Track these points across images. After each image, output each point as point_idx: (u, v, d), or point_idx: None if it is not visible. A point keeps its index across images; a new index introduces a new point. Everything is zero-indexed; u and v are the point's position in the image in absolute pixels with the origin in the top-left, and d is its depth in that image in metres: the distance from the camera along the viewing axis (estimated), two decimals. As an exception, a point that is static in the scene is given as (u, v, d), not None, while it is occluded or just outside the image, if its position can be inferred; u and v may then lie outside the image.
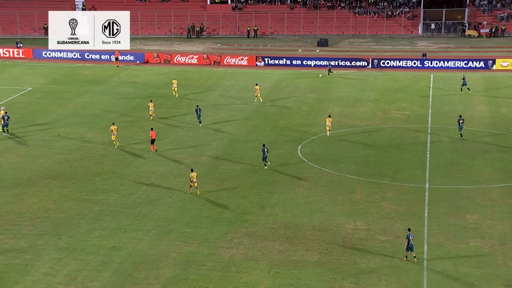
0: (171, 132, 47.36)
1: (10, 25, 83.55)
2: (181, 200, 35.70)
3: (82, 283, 27.22)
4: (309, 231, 32.18)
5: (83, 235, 31.36)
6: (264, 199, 36.06)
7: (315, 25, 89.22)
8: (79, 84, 61.49)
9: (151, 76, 64.83)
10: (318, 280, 27.78)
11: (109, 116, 50.67)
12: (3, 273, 27.69)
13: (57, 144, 44.36)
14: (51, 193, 36.15)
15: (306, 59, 71.61)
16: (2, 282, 26.98)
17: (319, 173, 39.89)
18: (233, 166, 40.94)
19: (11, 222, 32.52)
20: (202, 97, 57.66)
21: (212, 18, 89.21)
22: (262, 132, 47.89)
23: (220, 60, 71.57)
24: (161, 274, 28.08)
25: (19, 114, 50.99)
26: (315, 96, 58.60)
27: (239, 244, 30.78)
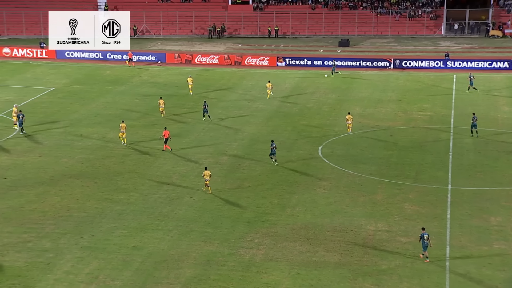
0: (191, 132, 47.55)
1: (34, 25, 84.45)
2: (202, 200, 35.83)
3: (103, 282, 27.44)
4: (330, 232, 32.12)
5: (104, 234, 31.60)
6: (284, 199, 36.06)
7: (337, 25, 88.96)
8: (101, 84, 61.98)
9: (172, 76, 65.12)
10: (339, 281, 27.72)
11: (131, 116, 51.02)
12: (26, 271, 28.01)
13: (79, 143, 44.76)
14: (74, 192, 36.48)
15: (327, 60, 71.39)
16: (25, 280, 27.29)
17: (340, 174, 39.78)
18: (253, 166, 40.99)
19: (34, 221, 32.87)
20: (223, 97, 57.80)
21: (233, 19, 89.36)
22: (283, 133, 47.89)
23: (241, 61, 71.67)
24: (182, 273, 28.21)
25: (42, 114, 51.54)
26: (336, 96, 58.44)
27: (260, 245, 30.81)
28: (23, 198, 35.53)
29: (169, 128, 47.05)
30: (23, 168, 39.88)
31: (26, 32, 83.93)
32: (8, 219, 32.94)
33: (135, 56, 72.73)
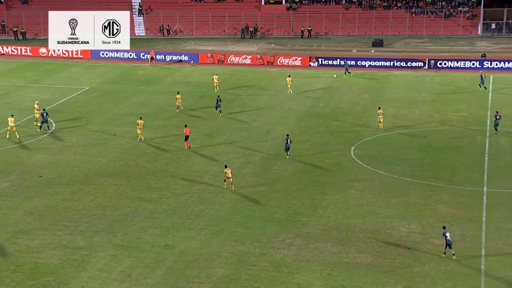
0: (223, 132, 47.72)
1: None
2: (233, 200, 35.92)
3: (136, 280, 27.70)
4: (362, 233, 31.92)
5: (137, 233, 31.90)
6: (316, 200, 35.95)
7: (370, 25, 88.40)
8: (135, 83, 62.59)
9: (205, 76, 65.42)
10: (371, 283, 27.53)
11: (163, 116, 51.43)
12: (61, 268, 28.42)
13: (112, 143, 45.26)
14: (107, 191, 36.90)
15: (361, 60, 70.99)
16: (60, 277, 27.71)
17: (372, 175, 39.51)
18: (285, 166, 40.95)
19: (68, 219, 33.33)
20: (255, 97, 57.87)
21: (266, 19, 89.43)
22: (315, 133, 47.75)
23: (274, 61, 71.68)
24: (213, 273, 28.32)
25: (76, 113, 52.25)
26: (369, 97, 58.05)
27: (291, 245, 30.77)
28: (58, 196, 36.05)
29: (202, 128, 47.38)
30: (58, 167, 40.48)
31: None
32: (43, 217, 33.46)
33: (169, 56, 73.34)
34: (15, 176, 38.76)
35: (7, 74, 65.52)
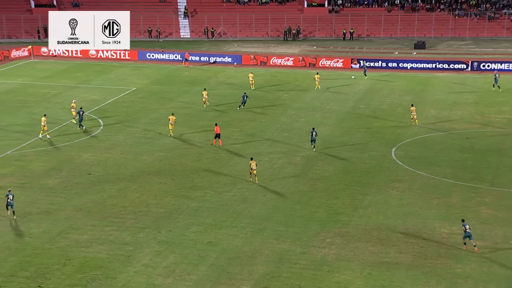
0: (265, 132, 47.80)
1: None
2: (275, 199, 35.96)
3: (180, 275, 27.97)
4: (403, 234, 31.58)
5: (181, 230, 32.20)
6: (356, 200, 35.72)
7: (413, 27, 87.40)
8: (179, 84, 63.19)
9: (247, 78, 65.61)
10: (412, 283, 27.21)
11: (207, 116, 51.78)
12: (108, 263, 28.89)
13: (158, 142, 45.78)
14: (152, 189, 37.34)
15: (402, 62, 70.25)
16: (107, 272, 28.17)
17: (413, 176, 39.04)
18: (326, 167, 40.79)
19: (115, 215, 33.84)
20: (297, 98, 57.80)
21: (308, 21, 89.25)
22: (356, 134, 47.44)
23: (315, 62, 71.48)
24: (255, 270, 28.40)
25: (123, 113, 53.03)
26: (410, 98, 57.35)
27: (331, 244, 30.64)
28: (106, 193, 36.64)
29: (245, 129, 47.52)
30: (106, 165, 41.15)
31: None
32: (91, 213, 34.06)
33: (213, 57, 73.84)
34: (66, 173, 39.56)
35: (59, 75, 66.92)
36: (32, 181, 38.06)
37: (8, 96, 57.74)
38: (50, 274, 27.86)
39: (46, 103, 55.45)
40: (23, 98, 56.97)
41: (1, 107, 53.77)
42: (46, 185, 37.52)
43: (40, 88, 60.97)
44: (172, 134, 46.36)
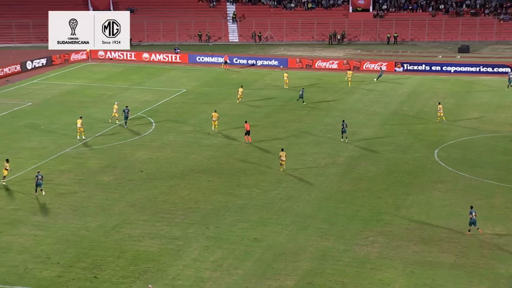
0: (310, 133, 47.63)
1: (170, 33, 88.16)
2: (319, 198, 35.82)
3: (227, 270, 28.13)
4: (445, 234, 31.03)
5: (228, 226, 32.37)
6: (399, 200, 35.27)
7: (457, 31, 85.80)
8: (228, 86, 63.51)
9: (293, 80, 65.52)
10: (454, 282, 26.72)
11: (254, 117, 51.90)
12: (159, 257, 29.28)
13: (206, 141, 46.13)
14: (201, 186, 37.64)
15: (446, 65, 69.04)
16: (158, 265, 28.55)
17: (456, 177, 38.32)
18: (369, 167, 40.41)
19: (166, 211, 34.25)
20: (341, 100, 57.42)
21: (353, 26, 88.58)
22: (399, 136, 46.83)
23: (360, 66, 70.87)
24: (299, 266, 28.35)
25: (174, 114, 53.63)
26: (454, 101, 56.34)
27: (374, 243, 30.35)
28: (157, 190, 37.12)
29: (290, 129, 47.45)
30: (157, 163, 41.69)
31: (162, 39, 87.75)
32: (144, 209, 34.56)
33: (259, 61, 74.02)
34: (119, 170, 40.25)
35: (114, 77, 68.14)
36: (89, 178, 38.87)
37: (67, 97, 59.12)
38: (105, 265, 28.41)
39: (102, 104, 56.54)
40: (81, 99, 58.24)
41: (60, 107, 55.09)
42: (101, 182, 38.27)
43: (96, 89, 62.23)
44: (216, 130, 46.96)
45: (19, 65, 69.18)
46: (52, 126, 49.08)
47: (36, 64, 71.07)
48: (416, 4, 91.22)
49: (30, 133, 47.49)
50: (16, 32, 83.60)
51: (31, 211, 34.02)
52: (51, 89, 61.87)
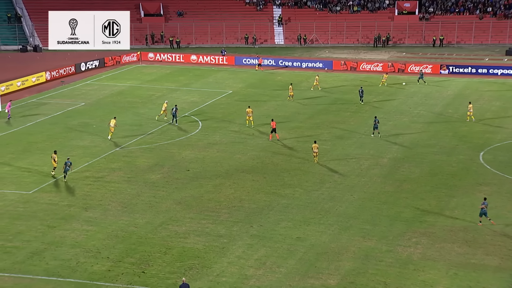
0: (354, 134, 47.24)
1: (218, 35, 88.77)
2: (361, 199, 35.49)
3: (270, 268, 28.16)
4: (490, 236, 30.32)
5: (271, 225, 32.39)
6: (443, 202, 34.63)
7: (505, 34, 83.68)
8: (273, 88, 63.55)
9: (337, 82, 65.18)
10: (499, 285, 26.10)
11: (298, 118, 51.80)
12: (204, 253, 29.51)
13: (251, 141, 46.26)
14: (245, 185, 37.77)
15: (493, 68, 67.42)
16: (203, 261, 28.78)
17: (502, 180, 37.39)
18: (412, 169, 39.82)
19: (211, 209, 34.49)
20: (385, 102, 56.73)
21: (398, 28, 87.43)
22: (443, 138, 45.99)
23: (404, 68, 69.88)
24: (341, 266, 28.16)
25: (220, 114, 53.96)
26: (500, 104, 55.00)
27: (417, 244, 29.88)
28: (203, 189, 37.41)
29: (333, 131, 47.08)
30: (203, 162, 42.03)
31: (210, 41, 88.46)
32: (190, 206, 34.90)
33: (305, 63, 73.82)
34: (167, 169, 40.74)
35: (163, 79, 69.04)
36: (137, 176, 39.48)
37: (118, 97, 60.21)
38: (152, 261, 28.81)
39: (151, 104, 57.36)
40: (131, 99, 59.22)
41: (112, 107, 56.13)
42: (149, 180, 38.81)
43: (146, 90, 63.18)
44: (252, 126, 48.51)
45: (74, 67, 70.83)
46: (104, 126, 50.03)
47: (89, 65, 72.64)
48: (463, 7, 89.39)
49: (83, 132, 48.57)
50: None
51: (83, 207, 34.79)
52: (103, 89, 63.14)
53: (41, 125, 50.63)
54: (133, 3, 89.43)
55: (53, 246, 30.21)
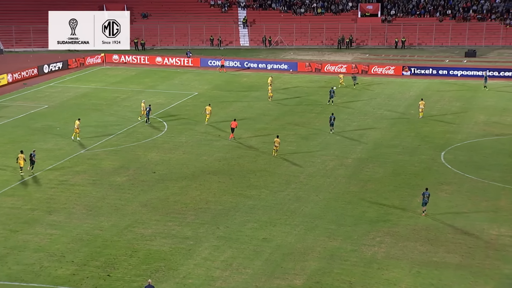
0: (319, 135, 47.55)
1: (183, 37, 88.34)
2: (327, 199, 35.73)
3: (236, 269, 28.12)
4: (451, 234, 30.85)
5: (238, 226, 32.36)
6: (406, 201, 35.11)
7: (464, 36, 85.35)
8: (238, 90, 63.56)
9: (302, 84, 65.53)
10: (460, 283, 26.55)
11: (263, 120, 51.89)
12: (170, 256, 29.31)
13: (217, 143, 46.15)
14: (211, 187, 37.65)
15: (453, 69, 68.67)
16: (169, 264, 28.58)
17: (462, 179, 38.09)
18: (376, 169, 40.27)
19: (177, 211, 34.28)
20: (349, 103, 57.26)
21: (361, 30, 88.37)
22: (406, 138, 46.64)
23: (368, 69, 70.68)
24: (307, 266, 28.29)
25: (186, 116, 53.68)
26: (460, 104, 56.05)
27: (381, 243, 30.22)
28: (169, 191, 37.16)
29: (299, 132, 47.33)
30: (169, 164, 41.75)
31: (175, 43, 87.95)
32: (156, 209, 34.62)
33: (270, 64, 73.98)
34: (132, 171, 40.35)
35: (128, 81, 68.36)
36: (103, 178, 38.99)
37: (83, 99, 59.38)
38: (118, 264, 28.48)
39: (116, 106, 56.74)
40: (95, 102, 58.46)
41: (76, 110, 55.32)
42: (115, 182, 38.38)
43: (111, 92, 62.45)
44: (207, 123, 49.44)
45: (36, 69, 69.59)
46: (68, 128, 49.30)
47: (52, 67, 71.46)
48: (424, 10, 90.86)
49: (47, 135, 47.75)
50: (34, 37, 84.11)
51: (47, 211, 34.19)
52: (67, 92, 62.19)
53: (3, 128, 49.60)
54: (96, 5, 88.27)
55: (15, 251, 29.61)
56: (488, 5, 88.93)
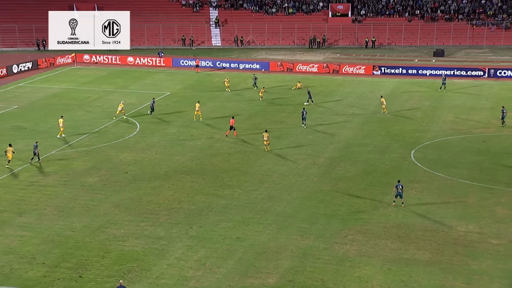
0: (291, 135, 47.73)
1: (154, 37, 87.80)
2: (299, 198, 35.89)
3: (210, 268, 28.08)
4: (421, 232, 31.26)
5: (211, 226, 32.31)
6: (377, 199, 35.45)
7: (432, 36, 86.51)
8: (210, 89, 63.41)
9: (274, 83, 65.67)
10: (429, 279, 26.93)
11: (236, 119, 51.74)
12: (143, 256, 29.13)
13: (190, 143, 46.01)
14: (184, 187, 37.53)
15: (422, 69, 69.55)
16: (142, 264, 28.41)
17: (431, 177, 38.62)
18: (348, 167, 40.58)
19: (150, 212, 34.10)
20: (321, 103, 57.58)
21: (333, 30, 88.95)
22: (377, 137, 47.09)
23: (339, 69, 71.17)
24: (280, 264, 28.38)
25: (158, 116, 53.33)
26: (429, 103, 56.79)
27: (353, 241, 30.47)
28: (141, 191, 36.93)
29: (271, 131, 47.45)
30: (141, 164, 41.48)
31: (147, 43, 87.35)
32: (128, 209, 34.37)
33: (242, 64, 73.99)
34: (104, 172, 39.98)
35: (99, 81, 67.69)
36: (74, 179, 38.55)
37: (53, 100, 58.60)
38: (90, 265, 28.20)
39: (88, 107, 56.13)
40: (66, 102, 57.75)
41: (46, 110, 54.59)
42: (86, 183, 37.98)
43: (82, 92, 61.75)
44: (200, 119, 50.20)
45: (5, 69, 68.44)
46: (38, 129, 48.61)
47: (22, 68, 70.37)
48: (393, 10, 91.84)
49: (16, 136, 47.00)
50: (2, 37, 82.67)
51: (17, 212, 33.67)
52: (36, 92, 61.30)
53: (-29, 129, 48.69)
54: (66, 4, 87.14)
55: (-15, 254, 29.11)
56: (455, 6, 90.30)
